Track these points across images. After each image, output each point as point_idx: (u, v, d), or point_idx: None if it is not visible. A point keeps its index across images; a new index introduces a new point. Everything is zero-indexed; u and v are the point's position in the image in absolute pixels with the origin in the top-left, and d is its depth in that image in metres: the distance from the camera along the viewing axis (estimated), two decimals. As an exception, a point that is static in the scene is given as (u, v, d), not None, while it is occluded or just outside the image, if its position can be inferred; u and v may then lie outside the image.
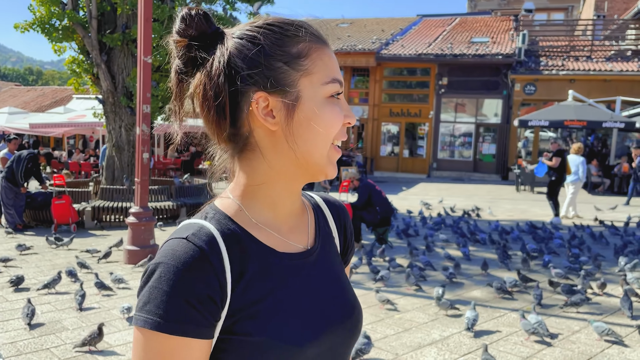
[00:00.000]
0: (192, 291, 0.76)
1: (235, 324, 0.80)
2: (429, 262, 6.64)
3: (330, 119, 0.84)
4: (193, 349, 0.77)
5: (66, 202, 9.25)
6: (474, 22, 26.59)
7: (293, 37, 0.84)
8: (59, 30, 10.26)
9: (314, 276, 0.91)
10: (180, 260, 0.77)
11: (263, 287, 0.83)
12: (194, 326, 0.76)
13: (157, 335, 0.75)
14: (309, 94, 0.83)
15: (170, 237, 0.81)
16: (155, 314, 0.75)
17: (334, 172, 0.88)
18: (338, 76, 0.86)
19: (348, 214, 1.07)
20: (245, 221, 0.87)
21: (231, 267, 0.81)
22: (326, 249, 0.97)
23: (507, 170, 20.49)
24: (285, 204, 0.91)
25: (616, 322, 4.89)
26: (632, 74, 18.64)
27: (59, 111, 21.10)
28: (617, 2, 28.09)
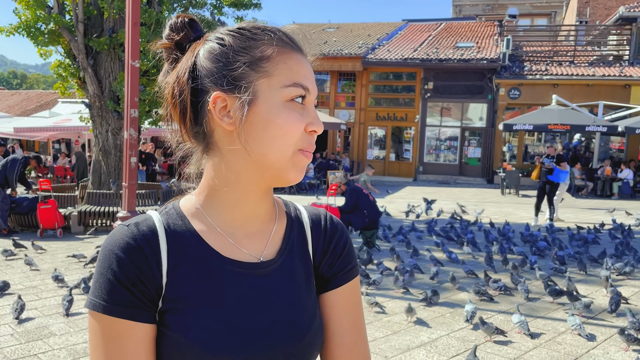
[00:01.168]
0: (125, 274, 0.80)
1: (164, 316, 0.82)
2: (417, 265, 6.70)
3: (286, 123, 0.82)
4: (134, 332, 0.80)
5: (52, 206, 9.17)
6: (459, 27, 26.85)
7: (259, 41, 0.85)
8: (44, 34, 10.18)
9: (260, 290, 0.87)
10: (116, 244, 0.81)
11: (195, 286, 0.83)
12: (130, 308, 0.79)
13: (99, 316, 0.80)
14: (266, 96, 0.82)
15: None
16: (95, 295, 0.80)
17: (296, 177, 0.85)
18: (303, 81, 0.84)
19: (339, 233, 0.99)
20: (198, 221, 0.88)
21: (168, 260, 0.83)
22: (290, 266, 0.91)
23: (493, 173, 20.70)
24: (244, 209, 0.89)
25: (602, 323, 4.98)
26: (613, 78, 18.96)
27: (44, 115, 20.90)
28: (599, 8, 28.57)
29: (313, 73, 0.90)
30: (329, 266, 0.96)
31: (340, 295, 0.96)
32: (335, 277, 0.96)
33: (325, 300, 0.95)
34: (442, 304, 5.46)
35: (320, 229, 0.98)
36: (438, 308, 5.34)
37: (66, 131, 18.45)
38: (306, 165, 0.86)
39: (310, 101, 0.86)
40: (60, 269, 6.54)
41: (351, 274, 0.97)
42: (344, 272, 0.96)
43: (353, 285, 0.98)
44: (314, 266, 0.95)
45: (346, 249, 0.98)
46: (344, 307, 0.96)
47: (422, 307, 5.34)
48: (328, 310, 0.95)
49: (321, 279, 0.96)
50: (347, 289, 0.96)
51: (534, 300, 5.64)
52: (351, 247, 1.00)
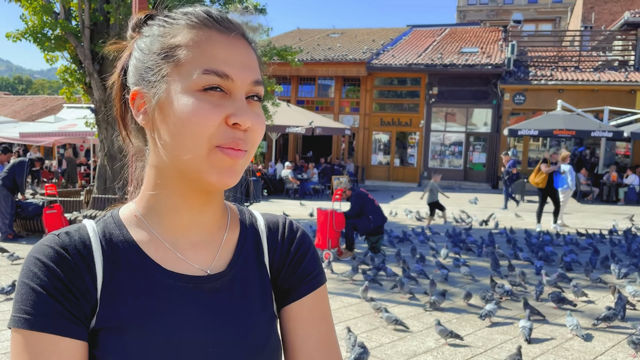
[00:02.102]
0: (51, 281, 0.71)
1: (96, 336, 0.73)
2: (423, 270, 6.67)
3: (194, 115, 0.71)
4: (61, 348, 0.70)
5: (57, 211, 9.19)
6: (463, 32, 26.87)
7: (174, 26, 0.77)
8: (51, 39, 10.24)
9: (207, 307, 0.78)
10: (41, 252, 0.73)
11: (133, 304, 0.74)
12: (57, 320, 0.70)
13: (21, 332, 0.70)
14: (176, 88, 0.74)
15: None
16: (17, 309, 0.71)
17: (219, 180, 0.74)
18: (220, 67, 0.73)
19: (301, 240, 0.90)
20: (138, 230, 0.80)
21: (103, 272, 0.75)
22: (242, 279, 0.83)
23: (497, 179, 20.65)
24: (183, 217, 0.80)
25: (609, 329, 4.94)
26: (619, 84, 18.92)
27: (49, 120, 20.99)
28: (604, 14, 28.55)
29: (250, 57, 0.77)
30: (289, 276, 0.87)
31: (304, 306, 0.86)
32: (297, 288, 0.86)
33: (288, 313, 0.86)
34: (449, 310, 5.43)
35: (278, 237, 0.89)
36: (445, 314, 5.31)
37: (71, 136, 18.52)
38: (232, 166, 0.74)
39: (235, 89, 0.74)
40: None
41: (315, 283, 0.88)
42: (306, 281, 0.87)
43: (319, 294, 0.88)
44: (271, 278, 0.87)
45: (308, 256, 0.89)
46: (309, 320, 0.86)
47: (429, 313, 5.31)
48: (292, 324, 0.86)
49: (280, 290, 0.87)
50: (311, 299, 0.87)
51: (543, 301, 5.60)
52: (314, 254, 0.90)
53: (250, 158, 0.77)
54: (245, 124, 0.73)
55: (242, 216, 0.90)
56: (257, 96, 0.77)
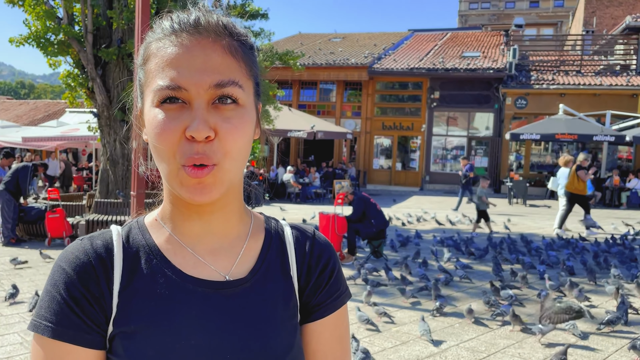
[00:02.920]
0: (71, 292, 0.72)
1: (113, 340, 0.74)
2: (425, 275, 6.66)
3: (155, 131, 0.70)
4: (77, 358, 0.71)
5: (60, 215, 9.21)
6: (464, 36, 26.91)
7: (150, 37, 0.76)
8: (54, 44, 10.29)
9: (224, 313, 0.77)
10: (65, 259, 0.75)
11: (150, 308, 0.74)
12: (75, 331, 0.71)
13: (41, 339, 0.72)
14: (147, 101, 0.74)
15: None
16: (39, 315, 0.73)
17: (190, 197, 0.72)
18: (169, 77, 0.70)
19: (328, 254, 0.89)
20: (159, 234, 0.80)
21: (122, 276, 0.75)
22: (264, 287, 0.81)
23: (500, 183, 20.63)
24: (193, 225, 0.79)
25: (612, 334, 4.93)
26: (621, 88, 18.92)
27: (51, 125, 21.05)
28: (605, 18, 28.58)
29: (213, 57, 0.71)
30: (316, 292, 0.85)
31: (326, 326, 0.85)
32: (322, 306, 0.85)
33: (309, 331, 0.85)
34: (452, 314, 5.42)
35: (306, 249, 0.87)
36: (447, 318, 5.30)
37: (74, 141, 18.56)
38: (199, 183, 0.71)
39: (192, 98, 0.70)
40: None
41: (339, 302, 0.87)
42: (331, 299, 0.86)
43: (340, 314, 0.87)
44: (299, 289, 0.85)
45: (335, 273, 0.87)
46: (329, 341, 0.85)
47: (432, 318, 5.30)
48: (313, 343, 0.85)
49: (306, 306, 0.85)
50: (334, 320, 0.86)
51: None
52: (340, 271, 0.89)
53: (225, 169, 0.72)
54: (199, 135, 0.68)
55: (267, 225, 0.88)
56: (230, 98, 0.71)
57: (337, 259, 0.90)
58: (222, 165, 0.71)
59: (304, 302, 0.85)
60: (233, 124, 0.71)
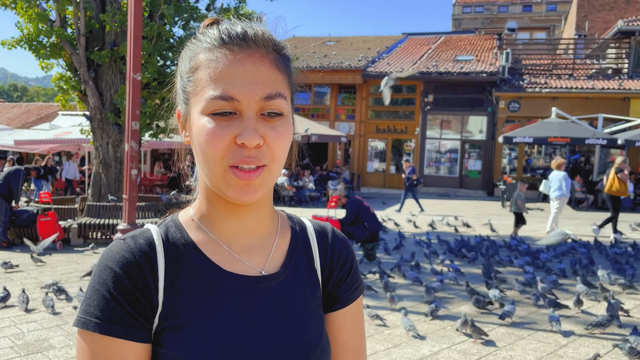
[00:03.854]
0: (120, 290, 0.76)
1: (160, 334, 0.77)
2: (418, 278, 6.67)
3: (205, 140, 0.76)
4: (127, 352, 0.75)
5: (52, 219, 9.16)
6: (458, 40, 27.02)
7: (196, 48, 0.81)
8: (46, 47, 10.25)
9: (263, 306, 0.82)
10: (111, 258, 0.78)
11: (194, 301, 0.79)
12: (124, 326, 0.75)
13: (89, 335, 0.75)
14: (195, 109, 0.79)
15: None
16: (86, 312, 0.76)
17: (236, 197, 0.77)
18: (224, 90, 0.75)
19: (347, 250, 0.96)
20: (196, 232, 0.85)
21: (165, 273, 0.79)
22: (294, 281, 0.87)
23: (493, 186, 20.69)
24: (230, 223, 0.85)
25: (603, 336, 4.95)
26: (612, 91, 19.04)
27: (44, 128, 20.95)
28: (597, 22, 28.79)
29: (263, 72, 0.77)
30: (339, 283, 0.93)
31: (347, 315, 0.93)
32: (344, 297, 0.93)
33: (333, 320, 0.92)
34: (444, 317, 5.43)
35: (327, 244, 0.94)
36: (439, 321, 5.31)
37: (66, 144, 18.48)
38: (247, 185, 0.77)
39: (243, 109, 0.76)
40: (61, 281, 6.51)
41: (357, 293, 0.95)
42: (351, 291, 0.94)
43: (358, 304, 0.95)
44: (322, 281, 0.92)
45: (354, 267, 0.96)
46: (350, 328, 0.93)
47: (423, 320, 5.31)
48: (335, 331, 0.92)
49: (329, 296, 0.92)
50: (353, 309, 0.94)
51: (542, 307, 5.60)
52: (357, 265, 0.98)
53: (272, 171, 0.79)
54: (250, 143, 0.75)
55: (292, 223, 0.94)
56: (274, 112, 0.77)
57: (354, 254, 0.97)
58: (270, 167, 0.78)
59: (327, 293, 0.92)
60: (279, 132, 0.78)
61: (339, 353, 0.92)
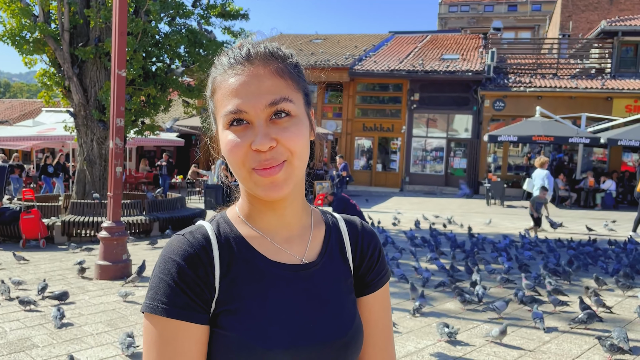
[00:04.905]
0: (183, 278, 0.86)
1: (217, 317, 0.88)
2: (404, 274, 6.71)
3: (227, 149, 0.89)
4: (190, 333, 0.85)
5: (35, 216, 9.06)
6: (444, 39, 27.14)
7: (212, 74, 0.93)
8: (29, 42, 10.11)
9: (304, 290, 0.93)
10: (174, 251, 0.88)
11: (246, 288, 0.89)
12: (187, 310, 0.85)
13: (156, 318, 0.85)
14: (219, 125, 0.91)
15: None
16: (153, 299, 0.86)
17: (266, 194, 0.88)
18: (235, 105, 0.87)
19: (375, 240, 1.07)
20: (243, 228, 0.96)
21: (220, 263, 0.90)
22: (330, 268, 0.98)
23: (478, 184, 20.86)
24: (271, 218, 0.95)
25: (585, 332, 5.02)
26: (596, 91, 19.27)
27: (27, 124, 20.68)
28: (581, 22, 29.11)
29: (264, 82, 0.87)
30: (369, 270, 1.03)
31: (377, 298, 1.04)
32: (373, 282, 1.03)
33: (364, 303, 1.02)
34: (429, 314, 5.47)
35: (358, 234, 1.05)
36: (425, 318, 5.35)
37: (50, 140, 18.26)
38: (272, 182, 0.87)
39: (252, 118, 0.87)
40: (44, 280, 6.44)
41: (386, 278, 1.06)
42: (380, 277, 1.04)
43: (386, 289, 1.06)
44: (354, 269, 1.02)
45: (382, 254, 1.07)
46: (379, 310, 1.04)
47: (409, 317, 5.34)
48: (367, 313, 1.02)
49: (361, 282, 1.03)
50: (382, 293, 1.05)
51: (530, 304, 5.67)
52: (384, 254, 1.09)
53: (296, 167, 0.88)
54: (262, 147, 0.85)
55: (325, 217, 1.06)
56: (283, 112, 0.87)
57: (381, 244, 1.08)
58: (291, 162, 0.88)
59: (359, 279, 1.03)
60: (291, 131, 0.87)
61: (371, 332, 1.02)
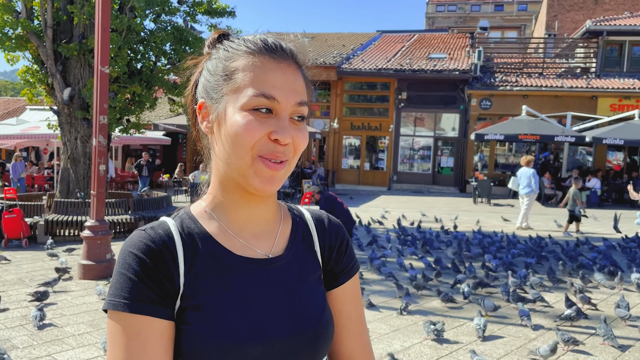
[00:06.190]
0: (145, 272, 0.84)
1: (183, 313, 0.86)
2: (392, 273, 6.70)
3: (242, 129, 0.86)
4: (154, 329, 0.83)
5: (17, 215, 8.92)
6: (431, 38, 27.23)
7: (235, 51, 0.91)
8: (12, 39, 9.96)
9: (271, 284, 0.92)
10: (134, 245, 0.86)
11: (212, 283, 0.88)
12: (151, 304, 0.83)
13: (119, 314, 0.83)
14: (232, 105, 0.88)
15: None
16: (114, 295, 0.84)
17: (262, 186, 0.88)
18: (269, 91, 0.86)
19: (342, 233, 1.07)
20: (209, 223, 0.94)
21: (184, 258, 0.88)
22: (298, 262, 0.98)
23: (465, 182, 20.95)
24: (243, 211, 0.94)
25: (572, 329, 5.04)
26: (581, 90, 19.44)
27: (11, 122, 20.38)
28: (566, 22, 29.36)
29: (297, 81, 0.90)
30: (337, 262, 1.04)
31: (348, 289, 1.04)
32: (343, 273, 1.04)
33: (336, 295, 1.03)
34: (415, 312, 5.47)
35: (325, 228, 1.06)
36: (411, 316, 5.34)
37: (34, 139, 18.02)
38: (272, 176, 0.88)
39: (281, 109, 0.87)
40: (25, 280, 6.34)
41: (354, 269, 1.07)
42: (349, 267, 1.05)
43: (355, 280, 1.07)
44: (323, 262, 1.02)
45: (349, 246, 1.07)
46: (351, 301, 1.04)
47: (395, 316, 5.33)
48: (339, 305, 1.03)
49: (331, 274, 1.03)
50: (352, 283, 1.05)
51: (516, 301, 5.68)
52: (352, 245, 1.09)
53: (291, 167, 0.91)
54: (284, 140, 0.86)
55: (291, 211, 1.05)
56: (301, 116, 0.90)
57: (348, 236, 1.08)
58: (290, 163, 0.90)
59: (328, 272, 1.03)
60: (305, 134, 0.91)
61: (345, 322, 1.03)
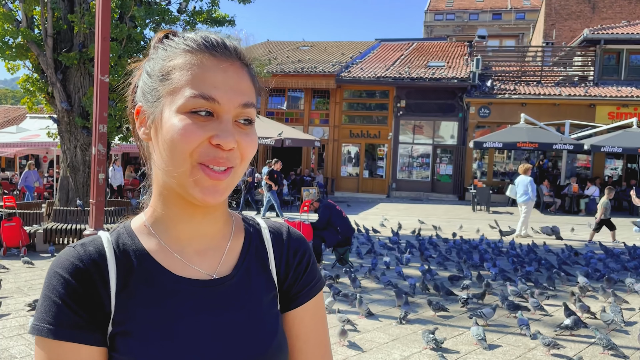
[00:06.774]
0: (70, 295, 0.77)
1: (114, 339, 0.79)
2: (390, 281, 6.69)
3: (178, 134, 0.77)
4: (80, 356, 0.76)
5: (16, 224, 8.91)
6: (430, 47, 27.35)
7: (173, 50, 0.82)
8: (12, 48, 10.00)
9: (215, 307, 0.83)
10: (60, 264, 0.79)
11: (145, 307, 0.80)
12: (76, 330, 0.76)
13: (43, 341, 0.77)
14: (169, 108, 0.79)
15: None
16: (39, 319, 0.77)
17: (202, 197, 0.78)
18: (208, 92, 0.77)
19: (302, 248, 0.96)
20: (148, 239, 0.85)
21: (117, 281, 0.80)
22: (247, 282, 0.88)
23: (464, 190, 20.96)
24: (186, 226, 0.85)
25: (571, 338, 5.03)
26: (579, 98, 19.50)
27: (11, 131, 20.40)
28: (564, 30, 29.51)
29: (242, 81, 0.81)
30: (295, 281, 0.93)
31: (307, 311, 0.93)
32: (301, 293, 0.93)
33: (292, 317, 0.92)
34: (415, 322, 5.46)
35: (283, 243, 0.95)
36: (410, 326, 5.33)
37: (34, 147, 18.03)
38: (215, 186, 0.78)
39: (222, 112, 0.78)
40: (24, 289, 6.33)
41: (317, 288, 0.96)
42: (310, 286, 0.94)
43: (318, 299, 0.96)
44: (278, 281, 0.92)
45: (310, 263, 0.96)
46: (310, 324, 0.93)
47: (395, 325, 5.32)
48: (296, 328, 0.92)
49: (287, 295, 0.93)
50: (313, 304, 0.94)
51: (517, 309, 5.67)
52: (315, 262, 0.98)
53: (238, 176, 0.81)
54: (227, 145, 0.77)
55: (246, 224, 0.95)
56: (247, 119, 0.81)
57: (311, 251, 0.98)
58: (236, 170, 0.80)
59: (284, 292, 0.92)
60: (252, 138, 0.82)
61: (301, 347, 0.92)
